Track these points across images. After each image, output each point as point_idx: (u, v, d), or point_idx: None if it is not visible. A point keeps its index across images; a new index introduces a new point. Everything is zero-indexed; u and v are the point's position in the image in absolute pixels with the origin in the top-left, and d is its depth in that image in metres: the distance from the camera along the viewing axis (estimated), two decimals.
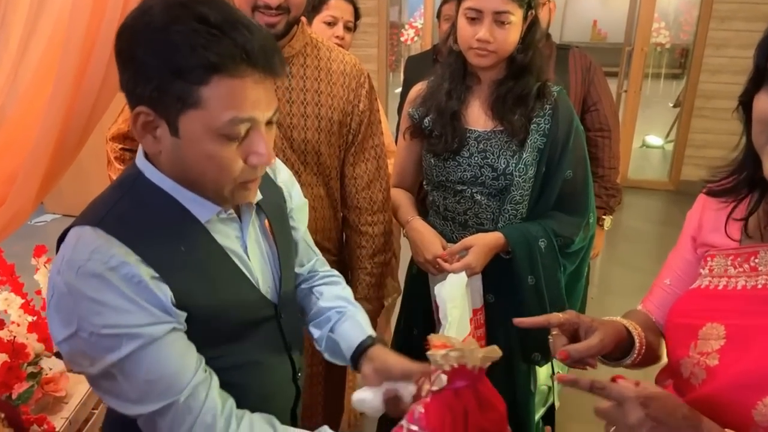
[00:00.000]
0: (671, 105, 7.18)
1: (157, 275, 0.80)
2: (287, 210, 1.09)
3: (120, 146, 1.59)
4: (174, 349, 0.81)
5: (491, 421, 0.77)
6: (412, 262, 1.66)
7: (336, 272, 1.21)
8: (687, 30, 8.71)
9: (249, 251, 0.94)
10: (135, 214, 0.84)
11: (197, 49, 0.74)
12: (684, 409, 0.70)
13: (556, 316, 0.92)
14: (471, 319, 1.44)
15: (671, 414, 0.69)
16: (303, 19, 1.44)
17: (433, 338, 0.84)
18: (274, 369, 1.01)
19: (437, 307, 1.44)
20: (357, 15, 2.14)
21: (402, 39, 8.75)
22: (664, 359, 0.96)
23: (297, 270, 1.15)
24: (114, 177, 1.55)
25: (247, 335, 0.94)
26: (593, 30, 11.05)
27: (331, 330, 1.08)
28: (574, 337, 0.92)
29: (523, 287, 1.45)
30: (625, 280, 2.24)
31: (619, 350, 0.93)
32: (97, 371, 0.78)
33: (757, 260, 0.79)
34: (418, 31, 8.81)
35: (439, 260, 1.41)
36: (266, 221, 1.00)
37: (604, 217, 2.06)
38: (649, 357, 0.96)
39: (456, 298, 1.33)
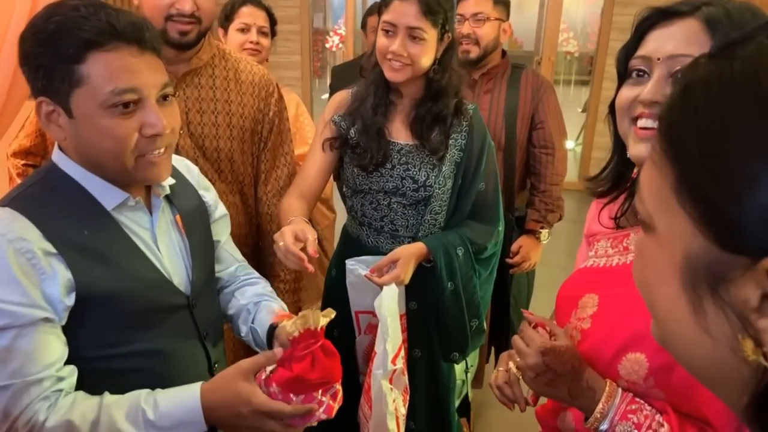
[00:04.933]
0: (580, 110, 7.67)
1: (54, 251, 0.85)
2: (208, 216, 1.15)
3: (22, 162, 1.56)
4: (36, 338, 0.84)
5: (333, 363, 0.95)
6: (330, 266, 1.71)
7: (256, 273, 1.27)
8: (593, 39, 9.31)
9: (159, 242, 0.99)
10: (42, 197, 0.90)
11: (70, 31, 0.83)
12: (575, 361, 0.86)
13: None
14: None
15: (563, 364, 0.84)
16: (210, 31, 1.47)
17: (279, 312, 1.08)
18: (186, 359, 1.04)
19: (357, 316, 1.51)
20: (272, 20, 2.17)
21: (327, 46, 8.81)
22: None
23: (219, 273, 1.20)
24: None
25: (156, 322, 0.97)
26: (510, 38, 11.58)
27: (252, 321, 1.15)
28: None
29: (443, 293, 1.55)
30: (541, 274, 2.41)
31: None
32: None
33: (628, 241, 0.93)
34: (343, 38, 8.90)
35: (367, 275, 1.47)
36: (177, 216, 1.05)
37: (541, 230, 2.14)
38: None
39: (393, 312, 1.41)
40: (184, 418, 0.88)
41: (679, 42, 0.78)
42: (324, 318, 0.92)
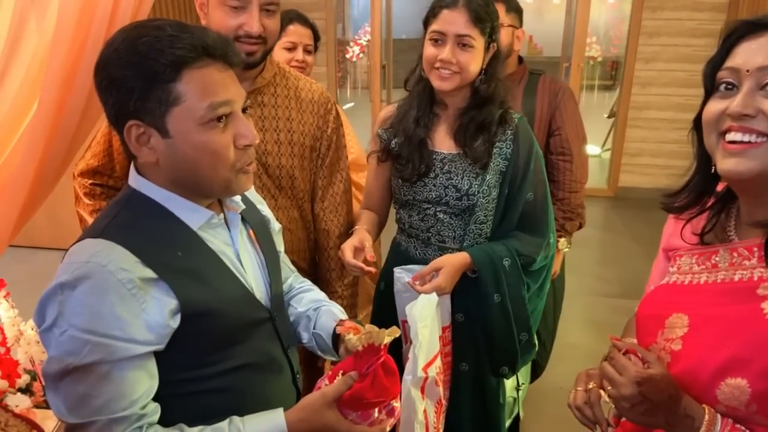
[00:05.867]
0: (606, 116, 7.60)
1: (155, 276, 0.85)
2: (269, 229, 1.16)
3: (90, 181, 1.58)
4: (126, 374, 0.83)
5: (391, 382, 0.97)
6: (380, 278, 1.71)
7: (308, 281, 1.30)
8: (617, 44, 9.24)
9: (241, 257, 1.01)
10: (134, 224, 0.90)
11: (164, 51, 0.83)
12: (672, 389, 0.82)
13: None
14: (440, 337, 1.48)
15: (659, 393, 0.81)
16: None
17: (344, 322, 1.09)
18: (274, 371, 1.06)
19: (404, 324, 1.48)
20: (316, 37, 2.20)
21: (347, 56, 8.89)
22: None
23: None
24: (84, 213, 1.55)
25: (246, 338, 0.99)
26: (530, 44, 11.53)
27: (314, 327, 1.16)
28: None
29: (489, 305, 1.53)
30: (571, 282, 2.39)
31: None
32: (52, 370, 0.82)
33: (717, 258, 0.90)
34: (363, 48, 8.98)
35: (409, 282, 1.47)
36: (251, 231, 1.07)
37: (559, 239, 2.09)
38: None
39: (426, 318, 1.38)
40: None
41: None
42: (388, 336, 0.94)
